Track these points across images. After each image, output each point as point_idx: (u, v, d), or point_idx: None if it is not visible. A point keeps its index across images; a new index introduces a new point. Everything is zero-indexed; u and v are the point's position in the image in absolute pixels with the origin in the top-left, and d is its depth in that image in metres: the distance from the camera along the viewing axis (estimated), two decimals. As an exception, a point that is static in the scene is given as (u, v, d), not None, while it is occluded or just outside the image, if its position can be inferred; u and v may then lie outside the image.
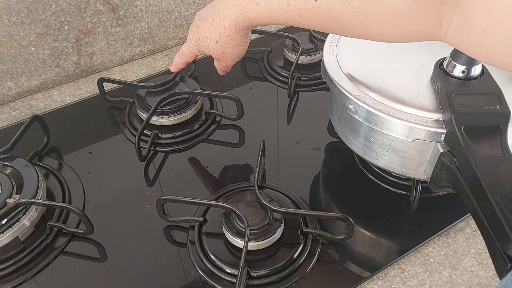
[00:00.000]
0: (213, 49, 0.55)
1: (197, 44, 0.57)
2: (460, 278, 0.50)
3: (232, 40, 0.53)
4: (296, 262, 0.50)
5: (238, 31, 0.51)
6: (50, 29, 0.74)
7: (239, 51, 0.56)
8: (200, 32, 0.55)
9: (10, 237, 0.52)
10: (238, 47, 0.55)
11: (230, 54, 0.56)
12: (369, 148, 0.52)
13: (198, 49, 0.57)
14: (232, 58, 0.57)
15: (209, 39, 0.54)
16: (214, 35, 0.53)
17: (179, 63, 0.62)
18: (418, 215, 0.56)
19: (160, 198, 0.53)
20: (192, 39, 0.57)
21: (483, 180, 0.37)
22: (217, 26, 0.52)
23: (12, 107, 0.77)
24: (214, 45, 0.54)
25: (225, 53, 0.55)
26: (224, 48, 0.54)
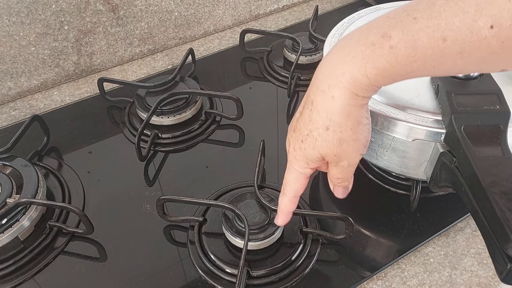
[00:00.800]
0: (325, 143, 0.37)
1: (302, 154, 0.40)
2: (460, 277, 0.50)
3: (348, 117, 0.36)
4: (296, 262, 0.50)
5: (356, 99, 0.35)
6: (50, 29, 0.74)
7: (362, 133, 0.38)
8: (301, 131, 0.39)
9: (10, 237, 0.52)
10: (359, 126, 0.37)
11: (352, 141, 0.37)
12: (369, 148, 0.52)
13: (305, 159, 0.40)
14: (355, 148, 0.38)
15: (315, 131, 0.37)
16: (320, 120, 0.36)
17: (287, 203, 0.44)
18: (418, 215, 0.56)
19: (160, 197, 0.53)
20: (294, 150, 0.40)
21: (482, 180, 0.37)
22: (322, 104, 0.36)
23: (12, 107, 0.77)
24: (325, 135, 0.37)
25: (343, 142, 0.37)
26: (340, 133, 0.36)
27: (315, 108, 0.37)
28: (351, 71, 0.34)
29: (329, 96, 0.35)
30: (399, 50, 0.31)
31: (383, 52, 0.32)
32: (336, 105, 0.35)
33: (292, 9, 0.98)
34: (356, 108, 0.36)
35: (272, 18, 0.96)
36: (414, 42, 0.31)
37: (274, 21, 0.95)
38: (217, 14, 0.90)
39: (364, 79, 0.34)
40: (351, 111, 0.36)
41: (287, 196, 0.43)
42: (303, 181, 0.42)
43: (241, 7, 0.92)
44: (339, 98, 0.35)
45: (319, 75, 0.37)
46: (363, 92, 0.35)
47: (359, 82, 0.34)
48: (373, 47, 0.33)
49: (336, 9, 0.96)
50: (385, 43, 0.32)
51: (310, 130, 0.38)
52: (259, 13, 0.95)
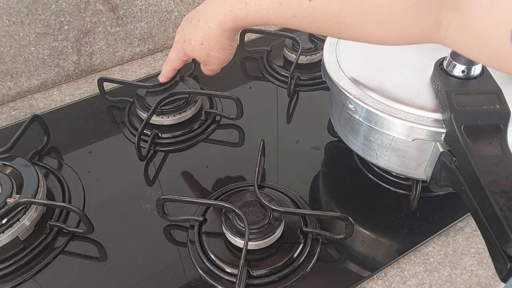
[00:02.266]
0: (197, 52, 0.52)
1: (182, 48, 0.54)
2: (460, 277, 0.50)
3: (217, 42, 0.50)
4: (296, 262, 0.50)
5: (224, 33, 0.49)
6: (49, 29, 0.74)
7: (225, 55, 0.53)
8: (185, 34, 0.53)
9: (10, 237, 0.52)
10: (223, 50, 0.52)
11: (216, 57, 0.53)
12: (369, 148, 0.52)
13: (184, 53, 0.55)
14: (217, 62, 0.54)
15: (193, 41, 0.51)
16: (199, 36, 0.51)
17: (167, 70, 0.59)
18: (418, 214, 0.56)
19: (160, 197, 0.53)
20: (178, 42, 0.55)
21: (482, 179, 0.37)
22: (203, 27, 0.49)
23: (12, 106, 0.77)
24: (199, 47, 0.52)
25: (210, 56, 0.52)
26: (208, 50, 0.51)
27: (198, 26, 0.50)
28: (223, 14, 0.46)
29: (208, 25, 0.49)
30: (251, 7, 0.43)
31: (240, 6, 0.44)
32: (211, 32, 0.49)
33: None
34: (224, 38, 0.49)
35: (272, 17, 0.96)
36: (260, 2, 0.41)
37: (274, 20, 0.95)
38: (217, 14, 0.90)
39: (230, 22, 0.47)
40: (220, 39, 0.49)
41: (167, 65, 0.59)
42: (180, 63, 0.57)
43: (241, 7, 0.92)
44: (213, 29, 0.49)
45: (206, 7, 0.49)
46: (229, 30, 0.48)
47: (226, 23, 0.47)
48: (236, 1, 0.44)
49: (336, 9, 0.96)
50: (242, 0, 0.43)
51: (191, 38, 0.52)
52: (259, 12, 0.95)
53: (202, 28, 0.50)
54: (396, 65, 0.52)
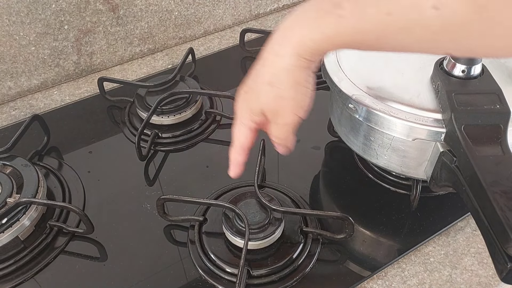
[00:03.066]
0: (265, 98, 0.39)
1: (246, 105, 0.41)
2: (460, 277, 0.50)
3: (290, 75, 0.37)
4: (296, 262, 0.50)
5: (299, 60, 0.36)
6: (50, 29, 0.74)
7: (301, 94, 0.39)
8: (248, 85, 0.41)
9: (10, 237, 0.52)
10: (298, 87, 0.38)
11: (289, 99, 0.39)
12: (369, 148, 0.52)
13: (249, 112, 0.41)
14: (292, 107, 0.39)
15: (260, 85, 0.39)
16: (265, 75, 0.38)
17: (235, 156, 0.44)
18: (418, 214, 0.56)
19: (160, 197, 0.53)
20: (240, 103, 0.42)
21: (483, 179, 0.37)
22: (269, 59, 0.38)
23: (12, 106, 0.77)
24: (266, 90, 0.39)
25: (281, 99, 0.39)
26: (279, 90, 0.38)
27: (264, 63, 0.39)
28: (300, 34, 0.35)
29: (278, 54, 0.37)
30: (346, 20, 0.33)
31: (331, 20, 0.33)
32: (282, 63, 0.37)
33: (292, 8, 0.98)
34: (300, 69, 0.37)
35: (272, 17, 0.96)
36: (362, 14, 0.32)
37: (274, 20, 0.95)
38: (217, 14, 0.90)
39: (311, 43, 0.35)
40: (294, 71, 0.37)
41: (234, 147, 0.44)
42: (247, 134, 0.43)
43: (241, 6, 0.92)
44: (285, 57, 0.37)
45: (275, 33, 0.38)
46: (308, 55, 0.36)
47: (305, 45, 0.35)
48: (324, 13, 0.34)
49: (336, 9, 0.96)
50: (335, 11, 0.33)
51: (256, 83, 0.40)
52: (259, 12, 0.95)
53: (269, 61, 0.38)
54: (396, 65, 0.52)
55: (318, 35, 0.34)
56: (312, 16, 0.35)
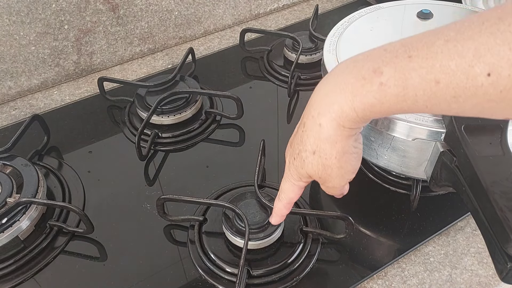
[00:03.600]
0: (310, 166, 0.38)
1: (294, 169, 0.40)
2: (460, 277, 0.50)
3: (334, 146, 0.36)
4: (296, 261, 0.50)
5: (342, 130, 0.35)
6: (50, 28, 0.74)
7: (349, 162, 0.38)
8: (294, 149, 0.40)
9: (10, 236, 0.52)
10: (345, 156, 0.37)
11: (335, 168, 0.38)
12: (369, 147, 0.52)
13: (297, 174, 0.41)
14: (339, 174, 0.39)
15: (303, 153, 0.38)
16: (308, 144, 0.37)
17: (280, 207, 0.45)
18: (418, 214, 0.56)
19: (160, 197, 0.53)
20: (289, 164, 0.41)
21: (483, 179, 0.37)
22: (311, 129, 0.36)
23: (12, 106, 0.77)
24: (311, 158, 0.38)
25: (327, 168, 0.38)
26: (324, 160, 0.37)
27: (306, 131, 0.37)
28: (340, 103, 0.34)
29: (317, 123, 0.36)
30: (389, 88, 0.31)
31: (372, 88, 0.31)
32: (323, 133, 0.36)
33: (292, 8, 0.98)
34: (343, 138, 0.36)
35: (272, 17, 0.96)
36: (405, 81, 0.30)
37: (274, 20, 0.95)
38: (217, 14, 0.90)
39: (352, 113, 0.33)
40: (337, 140, 0.36)
41: (281, 202, 0.45)
42: (296, 191, 0.43)
43: (241, 6, 0.92)
44: (326, 127, 0.35)
45: (313, 98, 0.37)
46: (350, 124, 0.34)
47: (346, 115, 0.34)
48: (363, 81, 0.32)
49: (336, 8, 0.96)
50: (375, 79, 0.31)
51: (300, 150, 0.39)
52: (259, 12, 0.95)
53: (311, 130, 0.37)
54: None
55: (359, 104, 0.32)
56: (351, 83, 0.33)
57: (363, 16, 0.61)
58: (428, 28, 0.31)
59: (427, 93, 0.29)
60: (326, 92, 0.35)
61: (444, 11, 0.59)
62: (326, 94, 0.35)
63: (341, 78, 0.34)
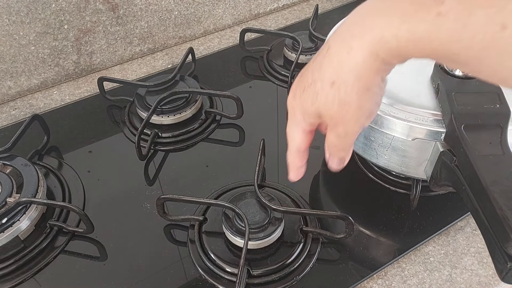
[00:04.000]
0: (324, 100, 0.32)
1: (300, 104, 0.34)
2: (460, 276, 0.50)
3: (359, 79, 0.30)
4: (296, 261, 0.50)
5: (374, 61, 0.29)
6: (49, 28, 0.74)
7: (369, 102, 0.32)
8: (306, 78, 0.34)
9: (10, 236, 0.52)
10: (368, 94, 0.31)
11: (354, 106, 0.32)
12: (369, 147, 0.52)
13: (302, 112, 0.35)
14: (355, 116, 0.33)
15: (319, 83, 0.32)
16: (327, 71, 0.31)
17: (293, 159, 0.39)
18: (418, 214, 0.56)
19: (160, 197, 0.53)
20: (294, 99, 0.35)
21: (483, 178, 0.37)
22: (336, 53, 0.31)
23: (12, 106, 0.77)
24: (327, 90, 0.32)
25: (345, 105, 0.32)
26: (344, 94, 0.31)
27: (329, 55, 0.31)
28: (382, 27, 0.28)
29: (348, 46, 0.30)
30: (447, 21, 0.25)
31: (428, 17, 0.26)
32: (351, 60, 0.30)
33: (292, 8, 0.98)
34: (373, 72, 0.30)
35: (272, 17, 0.96)
36: (468, 17, 0.25)
37: (274, 20, 0.95)
38: (217, 13, 0.90)
39: (393, 41, 0.28)
40: (365, 74, 0.30)
41: (290, 151, 0.39)
42: (302, 135, 0.37)
43: (241, 6, 0.92)
44: (356, 53, 0.29)
45: (348, 20, 0.31)
46: (386, 55, 0.29)
47: (385, 42, 0.28)
48: (419, 6, 0.26)
49: (336, 8, 0.96)
50: (434, 7, 0.26)
51: (315, 80, 0.33)
52: (259, 12, 0.95)
53: (336, 53, 0.31)
54: (396, 65, 0.52)
55: (405, 33, 0.27)
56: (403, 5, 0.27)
57: (363, 15, 0.61)
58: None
59: (487, 38, 0.24)
60: (367, 12, 0.29)
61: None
62: (367, 15, 0.29)
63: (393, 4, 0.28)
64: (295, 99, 0.35)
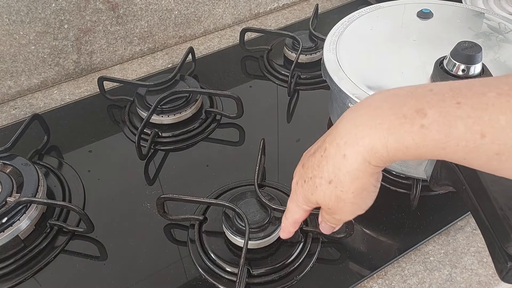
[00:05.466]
0: (322, 194, 0.36)
1: (302, 192, 0.38)
2: (460, 276, 0.50)
3: (354, 181, 0.33)
4: (296, 261, 0.50)
5: (367, 167, 0.32)
6: (49, 28, 0.74)
7: (364, 199, 0.36)
8: (307, 171, 0.37)
9: (10, 236, 0.52)
10: (363, 192, 0.35)
11: (349, 203, 0.35)
12: (369, 147, 0.52)
13: (304, 198, 0.39)
14: (350, 209, 0.36)
15: (318, 179, 0.36)
16: (325, 171, 0.35)
17: (287, 225, 0.43)
18: (418, 213, 0.56)
19: (160, 196, 0.53)
20: (297, 184, 0.39)
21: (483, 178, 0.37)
22: (333, 157, 0.34)
23: (12, 105, 0.77)
24: (325, 187, 0.35)
25: (340, 200, 0.35)
26: (340, 192, 0.35)
27: (326, 157, 0.35)
28: (372, 138, 0.31)
29: (342, 153, 0.33)
30: (430, 132, 0.28)
31: (412, 129, 0.29)
32: (346, 165, 0.33)
33: (292, 7, 0.98)
34: (365, 174, 0.33)
35: (272, 16, 0.96)
36: (449, 128, 0.27)
37: (274, 19, 0.95)
38: (217, 13, 0.90)
39: (383, 151, 0.31)
40: (358, 176, 0.33)
41: (287, 221, 0.43)
42: (301, 213, 0.41)
43: (241, 5, 0.92)
44: (350, 159, 0.32)
45: (341, 125, 0.34)
46: (377, 162, 0.32)
47: (375, 152, 0.31)
48: (404, 120, 0.29)
49: (336, 8, 0.96)
50: (417, 120, 0.29)
51: (314, 176, 0.36)
52: (259, 11, 0.95)
53: (332, 158, 0.34)
54: (396, 64, 0.52)
55: (393, 143, 0.30)
56: (389, 120, 0.30)
57: (363, 15, 0.61)
58: (428, 28, 0.30)
59: (470, 145, 0.27)
60: (357, 124, 0.32)
61: (444, 10, 0.59)
62: (357, 126, 0.32)
63: (377, 112, 0.31)
64: (298, 186, 0.39)
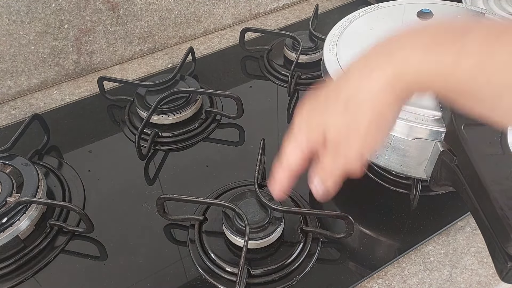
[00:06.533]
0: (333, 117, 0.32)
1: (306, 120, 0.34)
2: (460, 276, 0.50)
3: (372, 108, 0.30)
4: (296, 261, 0.50)
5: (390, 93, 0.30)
6: (49, 28, 0.74)
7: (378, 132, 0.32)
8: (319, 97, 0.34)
9: (10, 236, 0.52)
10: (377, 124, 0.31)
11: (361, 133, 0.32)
12: (369, 147, 0.52)
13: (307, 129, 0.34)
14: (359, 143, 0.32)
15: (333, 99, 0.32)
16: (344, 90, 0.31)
17: (281, 178, 0.38)
18: (418, 213, 0.56)
19: (160, 196, 0.53)
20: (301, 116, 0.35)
21: (483, 178, 0.37)
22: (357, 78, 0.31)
23: (12, 106, 0.77)
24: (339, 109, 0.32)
25: (352, 129, 0.32)
26: (354, 117, 0.31)
27: (348, 79, 0.32)
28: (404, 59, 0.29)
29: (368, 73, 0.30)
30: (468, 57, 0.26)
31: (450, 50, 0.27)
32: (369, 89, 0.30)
33: (292, 7, 0.98)
34: (385, 103, 0.30)
35: (272, 16, 0.96)
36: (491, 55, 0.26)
37: (274, 19, 0.95)
38: (217, 13, 0.90)
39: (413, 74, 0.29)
40: (380, 103, 0.30)
41: (282, 167, 0.38)
42: (298, 155, 0.35)
43: (241, 5, 0.92)
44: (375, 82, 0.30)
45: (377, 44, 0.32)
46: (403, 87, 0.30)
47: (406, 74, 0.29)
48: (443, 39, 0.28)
49: (336, 8, 0.96)
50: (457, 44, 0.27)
51: (329, 96, 0.33)
52: (259, 11, 0.95)
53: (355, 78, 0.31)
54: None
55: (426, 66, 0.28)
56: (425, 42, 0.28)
57: (363, 15, 0.61)
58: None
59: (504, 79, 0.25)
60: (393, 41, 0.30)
61: (444, 10, 0.59)
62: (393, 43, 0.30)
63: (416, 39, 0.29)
64: (303, 116, 0.35)
